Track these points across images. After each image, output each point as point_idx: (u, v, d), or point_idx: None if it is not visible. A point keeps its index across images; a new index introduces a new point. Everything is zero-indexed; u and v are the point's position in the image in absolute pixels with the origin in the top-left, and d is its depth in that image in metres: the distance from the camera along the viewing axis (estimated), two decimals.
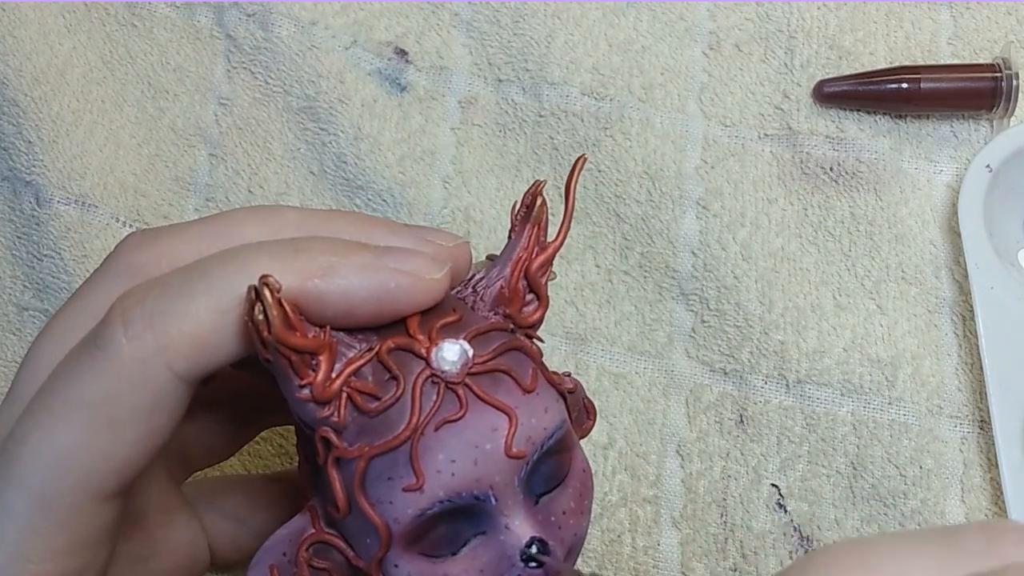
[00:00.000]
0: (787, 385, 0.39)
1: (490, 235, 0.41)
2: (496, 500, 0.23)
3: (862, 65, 0.42)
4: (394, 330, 0.24)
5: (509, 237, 0.26)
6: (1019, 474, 0.36)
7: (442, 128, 0.43)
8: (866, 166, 0.41)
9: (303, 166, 0.43)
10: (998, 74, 0.41)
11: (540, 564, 0.23)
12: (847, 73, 0.42)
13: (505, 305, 0.26)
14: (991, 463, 0.38)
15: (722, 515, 0.38)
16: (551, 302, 0.40)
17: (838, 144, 0.42)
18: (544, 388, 0.24)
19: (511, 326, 0.25)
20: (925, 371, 0.39)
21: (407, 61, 0.44)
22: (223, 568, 0.32)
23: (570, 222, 0.26)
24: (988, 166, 0.39)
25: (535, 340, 0.26)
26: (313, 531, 0.24)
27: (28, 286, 0.42)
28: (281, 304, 0.21)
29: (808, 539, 0.38)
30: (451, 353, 0.23)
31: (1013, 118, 0.41)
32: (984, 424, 0.38)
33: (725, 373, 0.39)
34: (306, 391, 0.22)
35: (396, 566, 0.23)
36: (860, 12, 0.43)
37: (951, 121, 0.42)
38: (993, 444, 0.37)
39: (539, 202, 0.26)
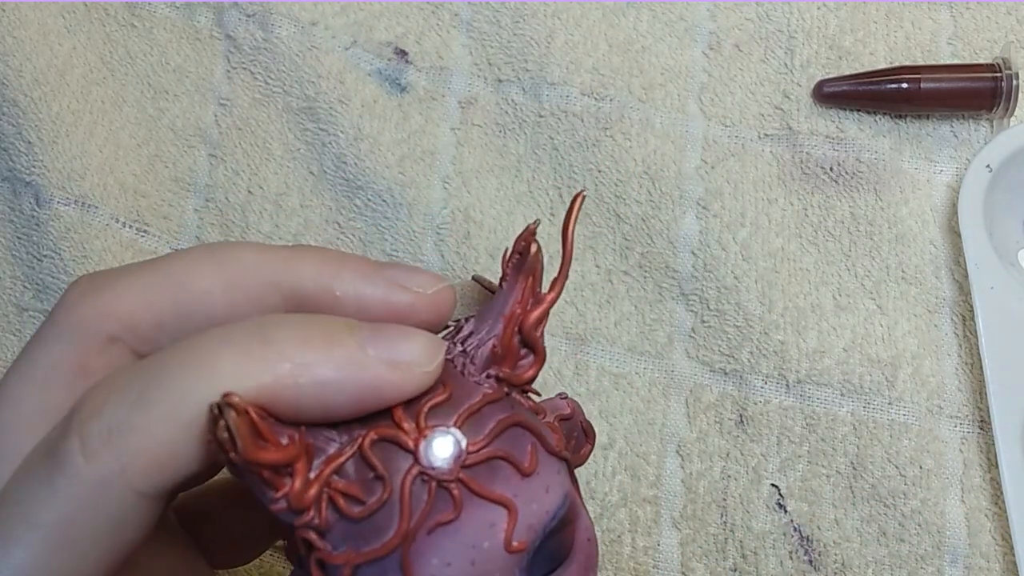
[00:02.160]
0: (787, 385, 0.39)
1: (490, 235, 0.41)
2: None
3: (862, 65, 0.42)
4: (378, 416, 0.22)
5: (500, 285, 0.24)
6: (1019, 474, 0.36)
7: (442, 128, 0.43)
8: (866, 166, 0.41)
9: (303, 166, 0.43)
10: (998, 74, 0.41)
11: None
12: (847, 73, 0.42)
13: (498, 365, 0.23)
14: (991, 463, 0.38)
15: (722, 515, 0.38)
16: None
17: (838, 144, 0.42)
18: (545, 464, 0.22)
19: (505, 390, 0.23)
20: (925, 371, 0.39)
21: (407, 61, 0.44)
22: (227, 567, 0.32)
23: (568, 270, 0.23)
24: (988, 166, 0.39)
25: (530, 394, 0.24)
26: None
27: (28, 286, 0.42)
28: (248, 414, 0.19)
29: (808, 539, 0.38)
30: (442, 449, 0.21)
31: (1013, 118, 0.41)
32: (984, 424, 0.38)
33: (725, 373, 0.39)
34: (282, 503, 0.20)
35: None
36: (860, 12, 0.43)
37: (951, 121, 0.42)
38: (993, 444, 0.37)
39: (533, 249, 0.23)
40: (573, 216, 0.23)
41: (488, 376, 0.23)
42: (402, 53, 0.44)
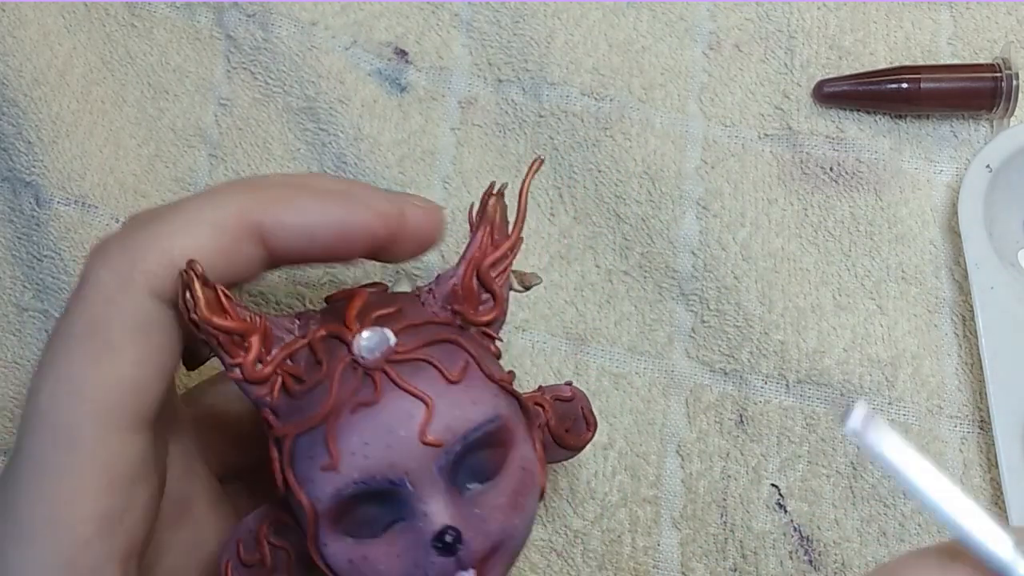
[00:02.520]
0: (787, 385, 0.39)
1: None
2: (413, 487, 0.23)
3: (862, 65, 0.42)
4: (333, 317, 0.25)
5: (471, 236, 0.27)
6: (1019, 474, 0.36)
7: (442, 128, 0.43)
8: (866, 166, 0.41)
9: (303, 166, 0.43)
10: (998, 74, 0.41)
11: (452, 552, 0.23)
12: (847, 73, 0.42)
13: (458, 303, 0.26)
14: (991, 463, 0.38)
15: (722, 515, 0.38)
16: (552, 303, 0.40)
17: (838, 144, 0.42)
18: (478, 382, 0.25)
19: (459, 322, 0.26)
20: (925, 371, 0.39)
21: (407, 61, 0.44)
22: None
23: (523, 223, 0.27)
24: (988, 166, 0.39)
25: (496, 340, 0.27)
26: (274, 511, 0.26)
27: (28, 286, 0.42)
28: (209, 286, 0.23)
29: (808, 539, 0.38)
30: (369, 341, 0.24)
31: (1013, 118, 0.41)
32: (984, 424, 0.38)
33: (725, 373, 0.39)
34: (236, 371, 0.24)
35: (325, 544, 0.24)
36: (860, 12, 0.43)
37: (951, 121, 0.42)
38: (993, 444, 0.37)
39: (491, 201, 0.27)
40: (529, 178, 0.27)
41: (444, 309, 0.26)
42: (402, 53, 0.44)
